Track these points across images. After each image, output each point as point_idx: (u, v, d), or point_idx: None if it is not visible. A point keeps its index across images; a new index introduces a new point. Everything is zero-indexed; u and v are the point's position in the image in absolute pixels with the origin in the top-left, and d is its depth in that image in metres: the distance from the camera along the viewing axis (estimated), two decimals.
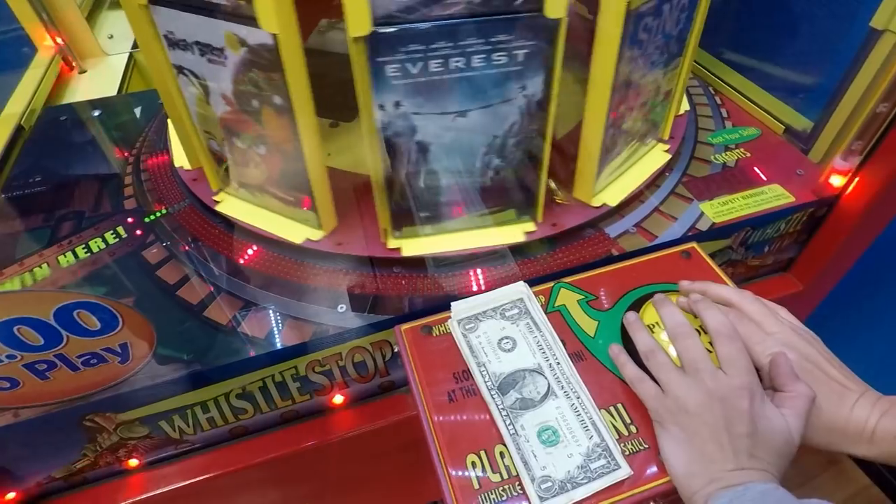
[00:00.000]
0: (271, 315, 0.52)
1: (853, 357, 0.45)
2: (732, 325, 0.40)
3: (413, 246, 0.54)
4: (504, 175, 0.52)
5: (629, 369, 0.42)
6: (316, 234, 0.56)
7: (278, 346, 0.49)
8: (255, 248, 0.58)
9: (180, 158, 0.66)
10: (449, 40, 0.41)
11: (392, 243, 0.54)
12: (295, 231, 0.57)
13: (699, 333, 0.42)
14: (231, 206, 0.60)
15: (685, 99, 0.70)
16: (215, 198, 0.61)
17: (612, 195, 0.59)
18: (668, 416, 0.37)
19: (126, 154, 0.73)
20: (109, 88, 0.95)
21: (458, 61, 0.43)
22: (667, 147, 0.64)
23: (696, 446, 0.36)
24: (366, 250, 0.55)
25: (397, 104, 0.44)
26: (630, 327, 0.44)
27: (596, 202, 0.58)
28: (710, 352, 0.40)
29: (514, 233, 0.55)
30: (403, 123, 0.46)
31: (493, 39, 0.42)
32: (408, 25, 0.40)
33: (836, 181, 0.61)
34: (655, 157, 0.64)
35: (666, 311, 0.43)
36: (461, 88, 0.44)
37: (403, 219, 0.53)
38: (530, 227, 0.56)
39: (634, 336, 0.43)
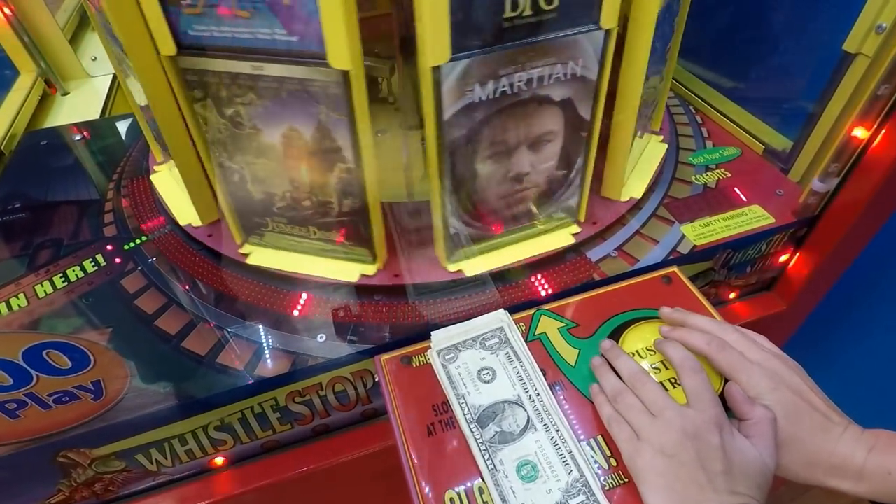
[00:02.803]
0: (251, 345, 0.51)
1: (833, 376, 0.45)
2: (695, 359, 0.41)
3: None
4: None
5: (605, 410, 0.42)
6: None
7: (257, 377, 0.49)
8: (235, 277, 0.57)
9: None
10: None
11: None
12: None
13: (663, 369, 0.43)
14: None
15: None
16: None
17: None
18: (644, 462, 0.37)
19: (107, 179, 0.72)
20: (92, 111, 0.95)
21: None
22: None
23: (678, 492, 0.35)
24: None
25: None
26: (596, 371, 0.44)
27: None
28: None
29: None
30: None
31: None
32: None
33: (815, 202, 0.61)
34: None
35: (620, 360, 0.44)
36: None
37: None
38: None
39: (601, 380, 0.43)
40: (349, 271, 0.54)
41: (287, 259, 0.56)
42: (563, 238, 0.57)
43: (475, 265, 0.55)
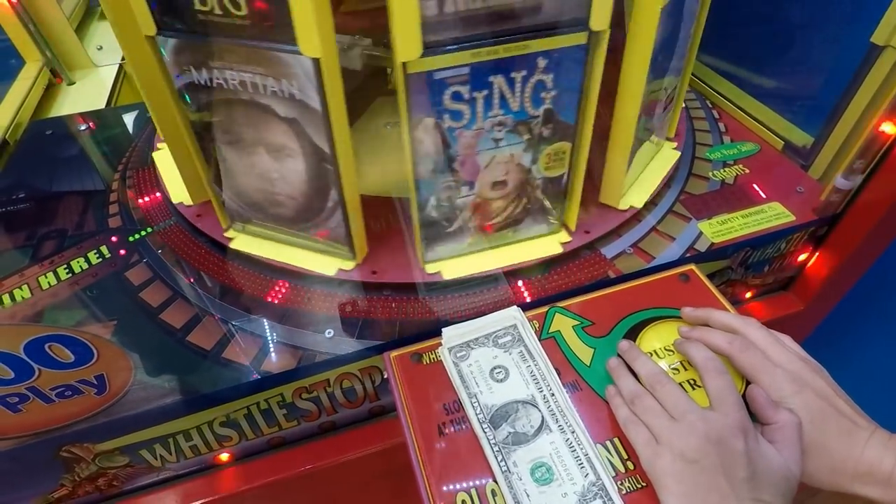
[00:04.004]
0: (257, 340, 0.50)
1: (851, 378, 0.44)
2: (719, 360, 0.39)
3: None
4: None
5: (622, 412, 0.40)
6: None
7: (263, 373, 0.48)
8: (241, 270, 0.56)
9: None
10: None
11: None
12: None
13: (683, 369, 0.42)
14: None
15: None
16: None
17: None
18: (664, 467, 0.36)
19: (112, 169, 0.71)
20: (98, 100, 0.94)
21: None
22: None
23: (700, 498, 0.34)
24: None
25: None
26: (613, 373, 0.43)
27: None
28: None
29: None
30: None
31: None
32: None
33: (838, 199, 0.59)
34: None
35: (639, 361, 0.42)
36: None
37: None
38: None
39: (618, 382, 0.42)
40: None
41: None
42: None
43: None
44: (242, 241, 0.57)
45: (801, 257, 0.65)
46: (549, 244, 0.55)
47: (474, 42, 0.40)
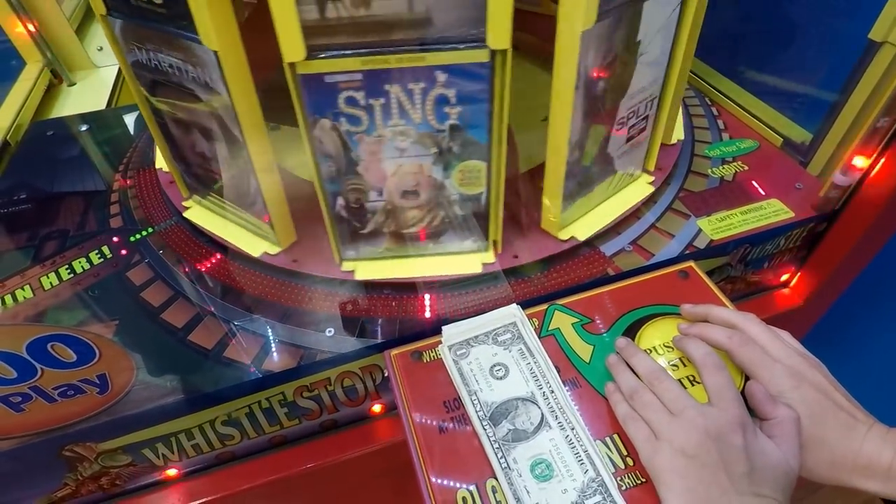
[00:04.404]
0: (258, 339, 0.50)
1: (850, 373, 0.44)
2: (717, 356, 0.40)
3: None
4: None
5: (621, 409, 0.40)
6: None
7: (265, 371, 0.48)
8: (242, 269, 0.57)
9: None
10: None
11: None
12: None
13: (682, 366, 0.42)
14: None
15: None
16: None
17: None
18: (663, 463, 0.36)
19: (113, 170, 0.72)
20: (99, 101, 0.94)
21: None
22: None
23: (699, 493, 0.34)
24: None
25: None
26: (613, 369, 0.43)
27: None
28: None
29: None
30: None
31: None
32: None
33: (837, 196, 0.59)
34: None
35: (637, 358, 0.43)
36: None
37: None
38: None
39: (617, 378, 0.42)
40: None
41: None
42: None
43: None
44: (195, 213, 0.60)
45: (801, 253, 0.65)
46: (470, 262, 0.53)
47: (363, 49, 0.39)
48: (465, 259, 0.53)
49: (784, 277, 0.68)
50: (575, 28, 0.40)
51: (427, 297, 0.53)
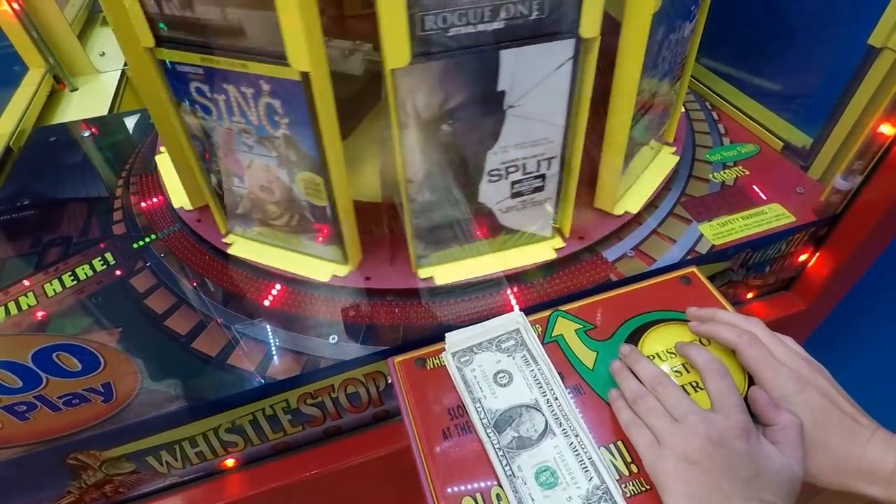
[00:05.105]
0: (261, 347, 0.50)
1: (851, 377, 0.44)
2: (721, 362, 0.40)
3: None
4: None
5: (624, 415, 0.40)
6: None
7: (268, 379, 0.48)
8: (244, 276, 0.57)
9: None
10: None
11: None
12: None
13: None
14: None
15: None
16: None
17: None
18: (667, 469, 0.36)
19: (115, 176, 0.72)
20: (101, 107, 0.94)
21: None
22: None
23: (703, 499, 0.34)
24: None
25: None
26: (616, 376, 0.43)
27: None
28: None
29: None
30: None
31: None
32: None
33: (838, 200, 0.59)
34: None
35: (641, 364, 0.43)
36: None
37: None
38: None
39: (621, 384, 0.42)
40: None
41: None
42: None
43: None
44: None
45: (802, 258, 0.65)
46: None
47: (196, 46, 0.42)
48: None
49: (786, 282, 0.68)
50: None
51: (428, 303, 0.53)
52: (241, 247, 0.57)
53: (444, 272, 0.54)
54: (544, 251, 0.55)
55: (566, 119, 0.46)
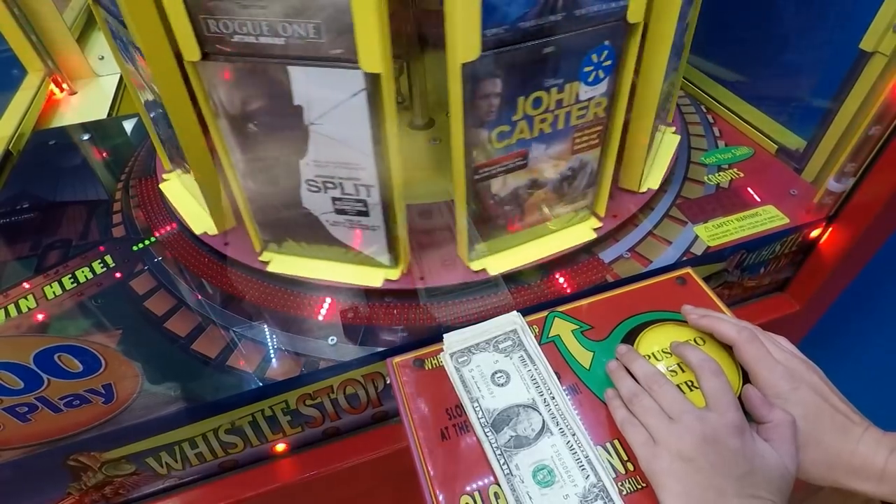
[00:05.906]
0: (261, 348, 0.51)
1: (845, 377, 0.44)
2: (714, 361, 0.40)
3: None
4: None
5: (619, 413, 0.41)
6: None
7: (267, 380, 0.48)
8: (245, 279, 0.57)
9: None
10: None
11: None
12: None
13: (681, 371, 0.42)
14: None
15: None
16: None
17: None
18: (662, 467, 0.36)
19: (115, 179, 0.72)
20: (100, 110, 0.95)
21: None
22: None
23: (698, 497, 0.35)
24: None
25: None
26: (612, 376, 0.44)
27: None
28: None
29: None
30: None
31: None
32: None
33: (831, 202, 0.60)
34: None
35: (636, 363, 0.43)
36: None
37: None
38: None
39: (617, 384, 0.43)
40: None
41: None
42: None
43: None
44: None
45: (797, 259, 0.66)
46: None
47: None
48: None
49: (780, 283, 0.69)
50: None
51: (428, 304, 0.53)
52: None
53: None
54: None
55: (373, 148, 0.45)
